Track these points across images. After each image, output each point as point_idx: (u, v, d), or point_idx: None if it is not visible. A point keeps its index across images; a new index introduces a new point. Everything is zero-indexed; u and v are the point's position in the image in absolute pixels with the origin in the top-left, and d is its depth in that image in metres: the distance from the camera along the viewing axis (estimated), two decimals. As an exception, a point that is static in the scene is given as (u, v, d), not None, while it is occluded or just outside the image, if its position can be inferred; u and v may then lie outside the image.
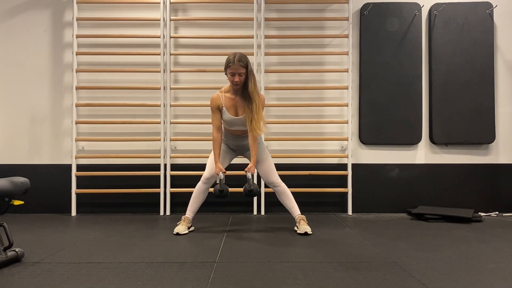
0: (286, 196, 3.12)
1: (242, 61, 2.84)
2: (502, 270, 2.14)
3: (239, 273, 2.07)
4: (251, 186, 2.96)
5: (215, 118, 3.01)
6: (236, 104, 2.97)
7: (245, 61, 2.86)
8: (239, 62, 2.83)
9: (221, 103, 2.98)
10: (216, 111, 3.00)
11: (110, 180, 3.91)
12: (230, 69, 2.85)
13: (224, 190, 2.95)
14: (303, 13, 4.04)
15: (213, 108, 3.01)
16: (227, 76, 2.91)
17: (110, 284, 1.91)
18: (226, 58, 2.88)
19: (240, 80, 2.87)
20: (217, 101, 2.99)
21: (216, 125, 3.01)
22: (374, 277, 2.01)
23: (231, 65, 2.84)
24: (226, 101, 2.98)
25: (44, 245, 2.67)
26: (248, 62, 2.89)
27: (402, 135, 4.00)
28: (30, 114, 4.00)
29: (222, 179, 2.95)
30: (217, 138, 3.01)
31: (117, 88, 3.97)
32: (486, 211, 3.95)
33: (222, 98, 2.99)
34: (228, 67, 2.86)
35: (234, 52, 2.90)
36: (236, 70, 2.84)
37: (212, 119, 3.02)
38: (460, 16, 4.01)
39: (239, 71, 2.84)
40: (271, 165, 3.12)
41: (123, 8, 4.01)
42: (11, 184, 2.24)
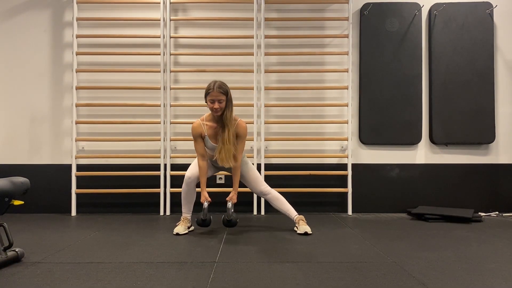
0: (279, 201, 3.13)
1: (222, 88, 2.86)
2: (502, 270, 2.14)
3: (239, 273, 2.07)
4: (230, 216, 2.98)
5: (198, 146, 3.00)
6: (217, 132, 2.97)
7: (225, 89, 2.88)
8: (218, 89, 2.84)
9: (203, 131, 2.98)
10: (199, 139, 2.99)
11: (110, 180, 3.91)
12: (210, 96, 2.86)
13: (206, 220, 2.98)
14: (303, 13, 4.04)
15: (195, 136, 3.00)
16: (207, 103, 2.91)
17: (110, 284, 1.91)
18: (207, 86, 2.90)
19: (220, 107, 2.87)
20: (198, 129, 2.99)
21: (200, 153, 2.99)
22: (374, 277, 2.01)
23: (211, 91, 2.85)
24: (207, 129, 2.98)
25: (44, 245, 2.67)
26: (228, 91, 2.90)
27: (402, 135, 4.00)
28: (30, 114, 4.00)
29: (206, 209, 2.96)
30: (203, 166, 2.99)
31: (117, 88, 3.97)
32: (486, 211, 3.95)
33: (204, 127, 2.98)
34: (208, 94, 2.87)
35: (214, 80, 2.92)
36: (216, 97, 2.85)
37: (195, 147, 3.01)
38: (460, 16, 4.01)
39: (219, 97, 2.85)
40: (255, 175, 3.14)
41: (123, 8, 4.01)
42: (11, 184, 2.24)
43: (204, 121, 3.01)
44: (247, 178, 3.14)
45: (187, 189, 3.08)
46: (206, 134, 2.98)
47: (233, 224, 3.02)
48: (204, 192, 2.99)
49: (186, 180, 3.06)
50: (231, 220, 2.98)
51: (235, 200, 3.02)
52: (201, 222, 2.99)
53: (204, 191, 3.00)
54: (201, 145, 3.00)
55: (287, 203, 3.14)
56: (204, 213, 2.96)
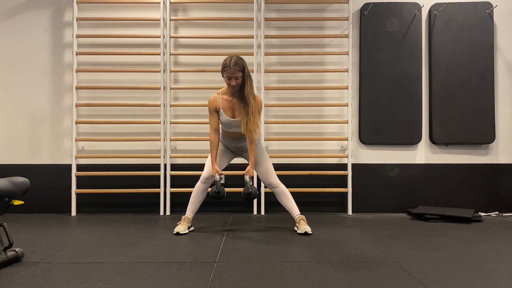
0: (286, 197, 3.12)
1: (238, 65, 2.81)
2: (502, 270, 2.14)
3: (239, 273, 2.07)
4: (249, 189, 2.97)
5: (212, 119, 3.01)
6: (233, 106, 2.97)
7: (241, 65, 2.83)
8: (235, 67, 2.80)
9: (218, 105, 2.98)
10: (213, 113, 3.00)
11: (110, 180, 3.91)
12: (227, 73, 2.83)
13: (220, 192, 2.95)
14: (303, 13, 4.04)
15: (210, 110, 3.01)
16: (223, 78, 2.90)
17: (110, 284, 1.91)
18: (223, 61, 2.86)
19: (237, 84, 2.86)
20: (214, 103, 2.99)
21: (213, 126, 3.01)
22: (374, 277, 2.01)
23: (227, 69, 2.82)
24: (223, 103, 2.98)
25: (44, 245, 2.67)
26: (245, 66, 2.86)
27: (402, 135, 4.00)
28: (30, 114, 4.00)
29: (218, 181, 2.96)
30: (214, 140, 3.01)
31: (117, 88, 3.97)
32: (486, 211, 3.95)
33: (219, 100, 2.98)
34: (224, 70, 2.84)
35: (230, 55, 2.87)
36: (232, 74, 2.82)
37: (210, 120, 3.02)
38: (460, 16, 4.01)
39: (236, 75, 2.82)
40: (269, 166, 3.12)
41: (123, 8, 4.01)
42: (11, 184, 2.24)
43: (220, 94, 3.01)
44: (260, 167, 3.10)
45: (202, 188, 3.07)
46: (221, 107, 2.97)
47: (253, 197, 2.99)
48: (215, 166, 2.98)
49: (202, 180, 3.06)
50: (251, 193, 2.96)
51: (252, 174, 3.01)
52: (215, 194, 2.96)
53: (215, 165, 2.99)
54: (215, 119, 3.00)
55: (293, 200, 3.12)
56: (218, 185, 2.94)
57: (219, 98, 2.99)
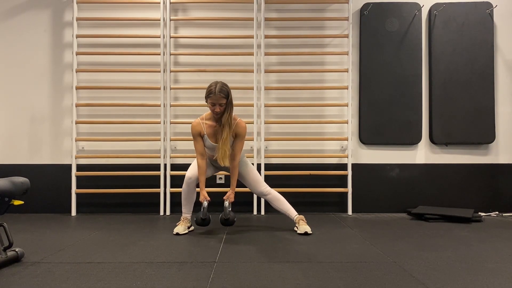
0: (279, 202, 3.13)
1: (223, 91, 2.83)
2: (502, 270, 2.14)
3: (239, 273, 2.07)
4: (228, 215, 2.96)
5: (197, 144, 2.99)
6: (216, 131, 2.97)
7: (226, 92, 2.85)
8: (220, 93, 2.82)
9: (202, 130, 2.98)
10: (198, 137, 2.99)
11: (110, 180, 3.91)
12: (211, 99, 2.85)
13: (206, 219, 2.98)
14: (303, 13, 4.04)
15: (194, 135, 2.99)
16: (208, 104, 2.90)
17: (110, 284, 1.91)
18: (208, 87, 2.87)
19: (221, 110, 2.88)
20: (197, 127, 2.98)
21: (199, 151, 2.99)
22: (374, 277, 2.01)
23: (212, 95, 2.83)
24: (206, 128, 2.98)
25: (44, 245, 2.67)
26: (229, 92, 2.88)
27: (402, 135, 4.00)
28: (30, 114, 4.00)
29: (205, 208, 2.96)
30: (202, 164, 2.98)
31: (117, 88, 3.97)
32: (486, 211, 3.95)
33: (203, 126, 2.98)
34: (209, 97, 2.85)
35: (215, 81, 2.89)
36: (217, 101, 2.84)
37: (195, 145, 3.00)
38: (460, 16, 4.01)
39: (220, 101, 2.84)
40: (255, 176, 3.14)
41: (123, 8, 4.01)
42: (11, 184, 2.24)
43: (204, 120, 3.01)
44: (247, 179, 3.14)
45: (187, 189, 3.08)
46: (205, 133, 2.98)
47: (230, 223, 3.01)
48: (203, 191, 2.99)
49: (186, 180, 3.06)
50: (229, 219, 2.97)
51: (232, 199, 3.01)
52: (201, 221, 2.99)
53: (203, 190, 2.99)
54: (200, 144, 2.99)
55: (287, 203, 3.14)
56: (204, 212, 2.96)
57: (202, 123, 2.99)
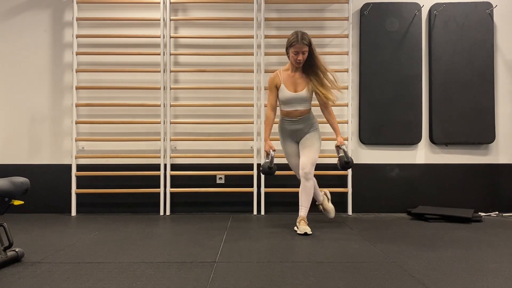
0: (307, 195, 3.04)
1: (305, 39, 2.91)
2: (502, 270, 2.14)
3: (239, 273, 2.07)
4: (348, 158, 3.06)
5: (271, 96, 3.08)
6: (295, 81, 3.02)
7: (307, 40, 2.93)
8: (302, 41, 2.89)
9: (279, 81, 3.04)
10: (273, 89, 3.07)
11: (110, 180, 3.91)
12: (294, 48, 2.92)
13: (273, 168, 3.07)
14: (303, 13, 4.04)
15: (270, 86, 3.08)
16: (288, 54, 2.98)
17: (110, 284, 1.91)
18: (289, 38, 2.95)
19: (303, 58, 2.94)
20: (275, 79, 3.06)
21: (270, 103, 3.08)
22: (374, 277, 2.01)
23: (295, 44, 2.90)
24: (284, 78, 3.04)
25: (44, 245, 2.67)
26: (311, 40, 2.95)
27: (402, 135, 4.00)
28: (30, 114, 4.00)
29: (272, 156, 3.05)
30: (270, 116, 3.09)
31: (117, 88, 3.97)
32: (486, 211, 3.95)
33: (280, 76, 3.05)
34: (291, 46, 2.92)
35: (295, 31, 2.97)
36: (300, 49, 2.91)
37: (268, 97, 3.10)
38: (460, 16, 4.01)
39: (303, 49, 2.91)
40: (314, 155, 3.06)
41: (123, 8, 4.01)
42: (11, 184, 2.24)
43: (282, 71, 3.09)
44: (306, 149, 3.06)
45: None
46: (282, 83, 3.03)
47: (351, 166, 3.14)
48: (269, 142, 3.08)
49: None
50: (349, 162, 3.08)
51: (344, 143, 3.10)
52: (267, 170, 3.06)
53: (268, 140, 3.08)
54: (274, 96, 3.08)
55: (309, 201, 3.06)
56: (271, 161, 3.05)
57: (280, 74, 3.07)
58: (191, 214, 3.87)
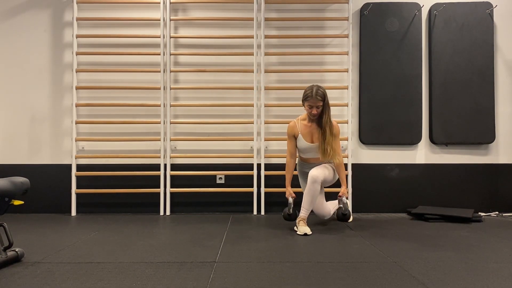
0: (310, 197, 3.06)
1: (319, 94, 3.02)
2: (502, 270, 2.14)
3: (239, 273, 2.07)
4: (346, 211, 3.32)
5: (290, 145, 3.22)
6: (312, 131, 3.15)
7: (322, 94, 3.03)
8: (317, 96, 3.01)
9: (298, 131, 3.17)
10: (292, 138, 3.21)
11: (110, 180, 3.91)
12: (309, 102, 3.04)
13: (292, 214, 3.21)
14: (303, 13, 4.04)
15: (289, 135, 3.22)
16: (304, 107, 3.09)
17: (110, 284, 1.91)
18: (305, 91, 3.06)
19: (317, 112, 3.06)
20: (293, 129, 3.20)
21: (290, 151, 3.23)
22: (374, 277, 2.01)
23: (310, 99, 3.02)
24: (302, 128, 3.17)
25: (44, 245, 2.67)
26: (325, 95, 3.06)
27: (402, 135, 4.00)
28: (30, 114, 4.00)
29: (292, 204, 3.19)
30: (290, 163, 3.23)
31: (117, 88, 3.97)
32: (486, 211, 3.95)
33: (298, 126, 3.18)
34: (306, 100, 3.05)
35: (311, 85, 3.07)
36: (314, 103, 3.03)
37: (288, 145, 3.23)
38: (460, 16, 4.01)
39: (317, 104, 3.03)
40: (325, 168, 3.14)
41: (123, 8, 4.01)
42: (11, 184, 2.24)
43: (300, 120, 3.20)
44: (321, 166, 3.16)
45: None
46: (300, 133, 3.15)
47: (347, 219, 3.41)
48: (289, 189, 3.21)
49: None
50: (347, 215, 3.37)
51: (347, 195, 3.30)
52: (288, 216, 3.23)
53: (289, 187, 3.22)
54: (293, 145, 3.22)
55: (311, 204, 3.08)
56: (290, 207, 3.19)
57: (298, 123, 3.19)
58: (191, 214, 3.87)
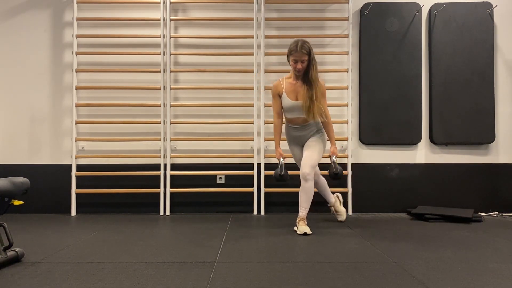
0: (306, 196, 3.05)
1: (304, 48, 2.91)
2: (503, 270, 2.14)
3: (239, 273, 2.07)
4: (337, 169, 3.11)
5: (275, 104, 3.12)
6: (296, 89, 3.04)
7: (307, 48, 2.92)
8: (302, 50, 2.89)
9: (282, 89, 3.06)
10: (276, 97, 3.10)
11: (110, 180, 3.91)
12: (293, 57, 2.93)
13: (284, 174, 3.10)
14: (303, 13, 4.04)
15: (273, 94, 3.11)
16: (289, 62, 2.99)
17: (110, 284, 1.91)
18: (290, 45, 2.96)
19: (302, 67, 2.95)
20: (278, 87, 3.09)
21: (276, 110, 3.12)
22: (374, 277, 2.01)
23: (294, 53, 2.91)
24: (286, 86, 3.06)
25: (44, 245, 2.67)
26: (311, 49, 2.94)
27: (402, 135, 4.00)
28: (30, 114, 4.00)
29: (282, 164, 3.09)
30: (278, 123, 3.14)
31: (117, 88, 3.97)
32: (486, 211, 3.95)
33: (283, 84, 3.07)
34: (291, 54, 2.94)
35: (296, 39, 2.98)
36: (299, 58, 2.92)
37: (273, 105, 3.14)
38: (460, 16, 4.01)
39: (302, 58, 2.92)
40: (315, 156, 3.06)
41: (123, 8, 4.01)
42: (11, 184, 2.24)
43: (285, 79, 3.11)
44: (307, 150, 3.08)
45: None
46: (284, 91, 3.05)
47: (339, 177, 3.17)
48: (279, 149, 3.14)
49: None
50: (338, 173, 3.13)
51: (337, 153, 3.17)
52: (279, 177, 3.11)
53: (279, 148, 3.15)
54: (278, 103, 3.11)
55: (309, 202, 3.06)
56: (282, 168, 3.09)
57: (283, 82, 3.09)
58: (191, 214, 3.87)
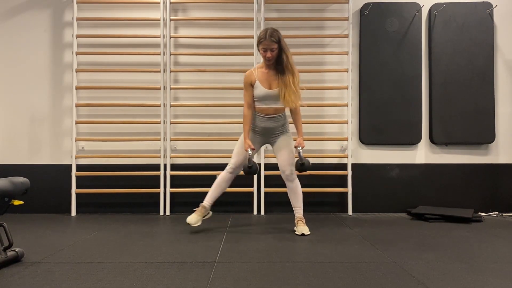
0: (295, 195, 3.08)
1: (273, 36, 2.88)
2: (502, 270, 2.14)
3: (239, 273, 2.07)
4: (303, 161, 2.96)
5: (247, 94, 3.03)
6: (269, 78, 2.99)
7: (277, 36, 2.88)
8: (270, 38, 2.87)
9: (254, 78, 3.00)
10: (249, 87, 3.02)
11: (110, 180, 3.91)
12: (262, 45, 2.90)
13: (252, 166, 2.96)
14: (303, 13, 4.04)
15: (245, 84, 3.03)
16: (259, 52, 2.96)
17: (110, 284, 1.91)
18: (259, 34, 2.95)
19: (272, 56, 2.91)
20: (250, 77, 3.02)
21: (247, 101, 3.03)
22: (374, 277, 2.01)
23: (263, 41, 2.88)
24: (259, 75, 3.00)
25: (44, 245, 2.67)
26: (280, 37, 2.91)
27: (402, 135, 4.00)
28: (30, 114, 4.00)
29: (251, 155, 2.97)
30: (248, 114, 3.02)
31: (117, 88, 3.97)
32: (486, 211, 3.95)
33: (255, 73, 3.02)
34: (260, 43, 2.91)
35: (266, 28, 2.96)
36: (268, 46, 2.88)
37: (244, 95, 3.04)
38: (460, 16, 4.01)
39: (271, 46, 2.88)
40: (290, 155, 3.05)
41: (123, 8, 4.01)
42: (11, 184, 2.24)
43: (257, 68, 3.06)
44: (282, 150, 3.06)
45: (227, 177, 3.07)
46: (257, 79, 2.99)
47: (306, 168, 2.98)
48: (248, 140, 2.99)
49: (228, 169, 3.03)
50: (304, 164, 2.96)
51: (303, 145, 3.01)
52: (248, 169, 2.99)
53: (248, 139, 2.99)
54: (250, 94, 3.01)
55: (300, 200, 3.09)
56: (250, 160, 2.97)
57: (255, 71, 3.03)
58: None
